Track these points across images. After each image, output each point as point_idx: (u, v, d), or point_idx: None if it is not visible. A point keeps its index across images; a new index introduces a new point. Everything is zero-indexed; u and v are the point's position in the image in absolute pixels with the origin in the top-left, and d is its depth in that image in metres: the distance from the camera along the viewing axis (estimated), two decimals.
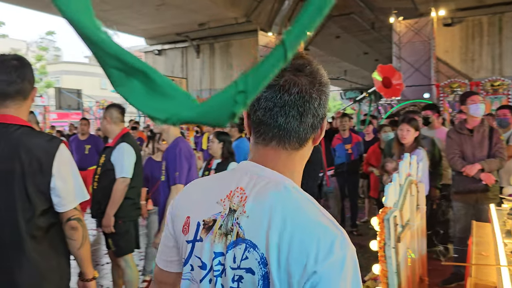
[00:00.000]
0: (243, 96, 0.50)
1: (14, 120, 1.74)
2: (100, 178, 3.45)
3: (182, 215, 0.97)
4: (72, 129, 12.20)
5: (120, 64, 0.47)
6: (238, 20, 14.96)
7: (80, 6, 0.45)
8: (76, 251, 1.84)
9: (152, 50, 18.53)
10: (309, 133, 0.90)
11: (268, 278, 0.80)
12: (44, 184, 1.70)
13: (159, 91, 0.51)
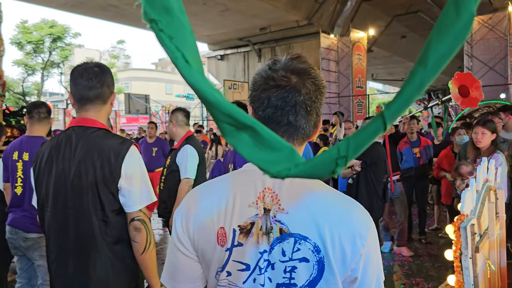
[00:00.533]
0: (344, 160, 0.56)
1: (93, 123, 1.82)
2: (166, 179, 3.56)
3: (210, 227, 0.97)
4: (141, 133, 12.76)
5: (232, 121, 0.54)
6: (299, 23, 14.90)
7: (199, 73, 0.51)
8: (139, 256, 1.81)
9: (214, 55, 18.97)
10: (312, 129, 0.99)
11: (323, 262, 0.90)
12: (113, 185, 1.75)
13: (267, 145, 0.56)
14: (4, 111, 5.29)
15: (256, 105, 0.98)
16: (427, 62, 0.51)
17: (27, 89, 25.98)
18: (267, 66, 0.98)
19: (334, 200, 0.94)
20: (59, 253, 1.79)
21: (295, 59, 0.97)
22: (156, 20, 0.49)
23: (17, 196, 3.08)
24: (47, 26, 24.01)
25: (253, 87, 1.00)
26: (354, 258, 0.90)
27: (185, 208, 1.02)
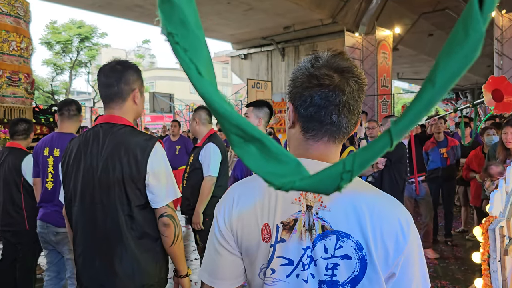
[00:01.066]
0: (349, 175, 0.57)
1: (120, 120, 1.87)
2: (189, 177, 3.60)
3: (254, 224, 0.96)
4: (165, 131, 12.92)
5: (241, 132, 0.56)
6: (323, 21, 14.80)
7: (212, 85, 0.53)
8: (169, 248, 1.87)
9: (238, 54, 19.02)
10: (352, 128, 0.98)
11: (366, 260, 0.89)
12: (140, 181, 1.78)
13: (273, 157, 0.58)
14: (34, 109, 5.45)
15: (297, 103, 0.97)
16: (435, 81, 0.51)
17: (55, 88, 26.65)
18: (309, 62, 0.97)
19: (376, 198, 0.94)
20: (86, 247, 1.84)
21: (337, 56, 0.96)
22: (173, 33, 0.52)
23: (48, 191, 3.17)
24: (75, 26, 24.56)
25: (293, 84, 0.99)
26: (396, 256, 0.90)
27: (227, 205, 1.01)
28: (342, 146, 1.00)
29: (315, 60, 0.96)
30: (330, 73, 0.93)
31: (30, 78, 4.96)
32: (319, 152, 0.98)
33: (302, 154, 0.99)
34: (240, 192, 1.01)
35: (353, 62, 0.98)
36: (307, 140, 0.98)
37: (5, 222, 3.65)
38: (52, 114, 5.74)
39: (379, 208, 0.91)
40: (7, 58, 4.61)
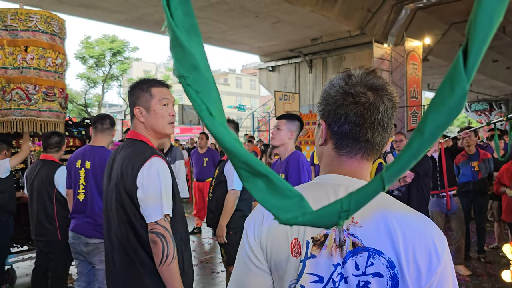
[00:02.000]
0: (346, 214, 0.59)
1: (135, 136, 2.02)
2: (214, 190, 3.64)
3: (284, 239, 0.96)
4: (192, 143, 13.09)
5: (249, 168, 0.59)
6: (351, 33, 14.72)
7: (221, 124, 0.57)
8: (158, 267, 1.83)
9: (266, 66, 19.13)
10: (384, 145, 1.00)
11: (397, 278, 0.88)
12: (133, 194, 1.85)
13: (278, 192, 0.61)
14: (67, 122, 5.64)
15: (331, 120, 0.98)
16: (424, 131, 0.54)
17: (88, 101, 27.45)
18: (343, 80, 0.98)
19: (408, 216, 0.92)
20: (107, 253, 1.99)
21: (370, 74, 0.97)
22: (185, 76, 0.55)
23: (79, 202, 3.27)
24: (108, 41, 25.33)
25: (326, 101, 1.00)
26: (429, 277, 0.88)
27: (257, 219, 1.01)
28: None
29: (349, 78, 0.97)
30: (365, 90, 0.94)
31: (64, 93, 5.15)
32: (352, 169, 0.99)
33: (335, 170, 1.00)
34: None
35: (385, 80, 0.99)
36: (340, 157, 1.00)
37: (38, 232, 3.78)
38: (84, 127, 5.92)
39: (411, 226, 0.90)
40: (44, 74, 4.80)
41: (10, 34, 4.70)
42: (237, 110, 23.07)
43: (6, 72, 4.69)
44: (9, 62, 4.68)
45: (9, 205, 4.56)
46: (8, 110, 4.69)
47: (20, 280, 5.13)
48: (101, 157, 3.24)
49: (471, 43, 0.47)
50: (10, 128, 4.69)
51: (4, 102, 4.68)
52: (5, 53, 4.67)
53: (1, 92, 4.68)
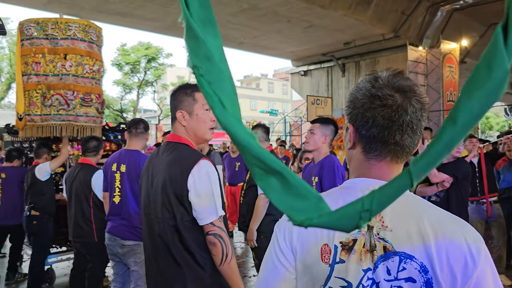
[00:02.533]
0: (368, 214, 0.55)
1: (178, 139, 2.00)
2: (245, 194, 3.64)
3: (313, 243, 0.95)
4: (224, 147, 13.18)
5: (262, 165, 0.56)
6: (385, 36, 14.50)
7: (234, 117, 0.55)
8: (219, 267, 1.87)
9: (298, 71, 19.09)
10: (415, 147, 0.97)
11: (431, 283, 0.85)
12: (183, 197, 1.84)
13: (294, 191, 0.57)
14: (104, 126, 5.80)
15: (358, 124, 0.97)
16: (457, 120, 0.49)
17: (124, 106, 28.19)
18: (369, 83, 0.96)
19: (441, 219, 0.90)
20: (147, 255, 1.99)
21: (397, 76, 0.95)
22: (198, 67, 0.54)
23: (115, 205, 3.35)
24: (143, 48, 25.96)
25: (353, 105, 0.98)
26: (465, 281, 0.84)
27: (287, 223, 1.01)
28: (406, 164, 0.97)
29: (375, 80, 0.95)
30: (392, 93, 0.92)
31: (101, 98, 5.31)
32: (382, 172, 0.97)
33: (364, 174, 0.99)
34: None
35: (413, 81, 0.97)
36: (369, 160, 0.98)
37: (76, 234, 3.89)
38: (120, 131, 6.08)
39: (444, 228, 0.87)
40: (81, 81, 4.98)
41: (50, 42, 4.91)
42: (269, 115, 23.11)
43: (47, 79, 4.90)
44: (49, 70, 4.89)
45: (49, 207, 4.73)
46: (48, 116, 4.89)
47: (59, 280, 5.30)
48: (135, 160, 3.31)
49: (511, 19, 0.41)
50: (49, 133, 4.88)
51: (44, 107, 4.88)
52: (46, 61, 4.88)
53: (42, 98, 4.88)
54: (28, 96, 4.95)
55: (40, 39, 4.92)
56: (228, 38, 15.24)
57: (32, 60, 4.91)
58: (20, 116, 4.95)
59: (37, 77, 4.92)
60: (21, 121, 4.97)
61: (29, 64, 4.94)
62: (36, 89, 4.90)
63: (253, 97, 45.52)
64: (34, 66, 4.90)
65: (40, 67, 4.89)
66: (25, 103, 4.95)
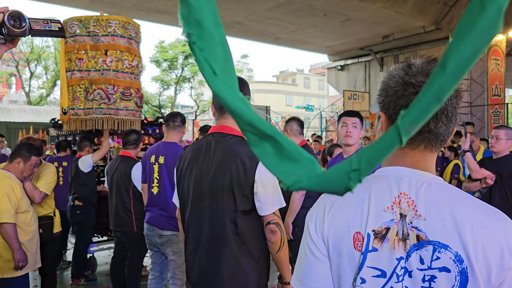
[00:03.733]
0: (357, 174, 0.53)
1: (230, 131, 1.98)
2: None
3: (346, 232, 0.95)
4: None
5: (254, 130, 0.55)
6: (426, 28, 14.06)
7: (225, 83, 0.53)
8: (275, 254, 1.93)
9: (334, 66, 18.85)
10: (450, 135, 0.95)
11: (466, 273, 0.83)
12: (247, 188, 1.86)
13: (286, 155, 0.56)
14: (142, 121, 5.96)
15: (391, 112, 0.96)
16: (447, 66, 0.45)
17: (162, 102, 28.80)
18: (403, 70, 0.94)
19: (477, 208, 0.88)
20: (195, 247, 1.97)
21: (432, 63, 0.93)
22: (190, 33, 0.53)
23: (153, 195, 3.44)
24: (181, 44, 26.39)
25: (385, 93, 0.97)
26: (501, 273, 0.82)
27: (318, 212, 1.01)
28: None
29: (409, 68, 0.93)
30: (426, 80, 0.89)
31: (140, 93, 5.46)
32: (415, 160, 0.95)
33: (397, 162, 0.97)
34: (332, 200, 1.00)
35: None
36: (402, 149, 0.96)
37: (116, 223, 4.03)
38: (158, 126, 6.22)
39: (481, 218, 0.86)
40: (121, 76, 5.14)
41: (92, 39, 5.10)
42: (304, 110, 22.95)
43: (89, 74, 5.09)
44: (91, 65, 5.09)
45: (91, 198, 4.93)
46: (90, 109, 5.09)
47: (100, 268, 5.51)
48: (173, 152, 3.39)
49: None
50: (92, 126, 5.08)
51: (87, 102, 5.08)
52: (88, 57, 5.07)
53: (85, 92, 5.08)
54: (72, 91, 5.16)
55: (83, 36, 5.12)
56: (264, 34, 15.24)
57: (75, 57, 5.11)
58: (65, 110, 5.17)
59: (80, 72, 5.12)
60: (66, 115, 5.18)
61: (73, 60, 5.14)
62: (79, 84, 5.11)
63: (288, 93, 45.34)
64: (77, 62, 5.10)
65: (83, 63, 5.09)
66: (69, 98, 5.16)
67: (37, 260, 3.23)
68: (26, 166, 3.17)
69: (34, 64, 28.73)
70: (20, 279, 3.03)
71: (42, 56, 27.87)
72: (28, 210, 3.14)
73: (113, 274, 4.19)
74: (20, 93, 34.99)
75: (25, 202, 3.12)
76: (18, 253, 2.93)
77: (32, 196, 3.31)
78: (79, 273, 4.94)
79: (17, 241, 2.94)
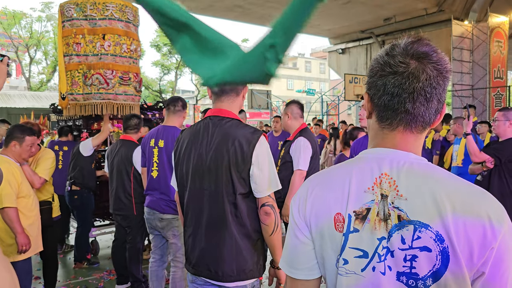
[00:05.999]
0: (273, 52, 0.46)
1: (227, 114, 1.99)
2: (280, 170, 3.65)
3: (327, 213, 0.96)
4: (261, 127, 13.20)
5: (168, 21, 0.49)
6: (428, 10, 13.91)
7: None
8: (268, 237, 1.95)
9: (335, 49, 18.71)
10: (432, 117, 0.94)
11: (447, 253, 0.84)
12: (244, 170, 1.89)
13: (206, 46, 0.51)
14: (142, 105, 5.95)
15: (372, 92, 0.97)
16: None
17: (163, 87, 28.70)
18: (385, 51, 0.95)
19: (459, 187, 0.88)
20: (195, 229, 1.99)
21: (415, 42, 0.92)
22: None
23: (153, 179, 3.44)
24: None
25: (369, 74, 0.98)
26: (483, 252, 0.82)
27: (301, 195, 1.03)
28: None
29: (392, 49, 0.93)
30: (406, 60, 0.90)
31: (138, 77, 5.43)
32: (396, 142, 0.96)
33: (379, 144, 0.98)
34: (314, 183, 1.02)
35: (434, 47, 0.93)
36: (382, 129, 0.97)
37: (116, 207, 4.05)
38: (158, 110, 6.20)
39: (462, 198, 0.85)
40: (119, 60, 5.10)
41: (89, 23, 5.04)
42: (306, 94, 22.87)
43: (87, 59, 5.05)
44: (89, 50, 5.04)
45: (89, 182, 4.94)
46: (89, 94, 5.07)
47: (103, 251, 5.56)
48: (173, 136, 3.38)
49: None
50: (91, 111, 5.06)
51: (85, 87, 5.05)
52: (85, 41, 5.02)
53: (83, 77, 5.05)
54: (70, 76, 5.13)
55: (80, 20, 5.05)
56: (265, 17, 15.08)
57: (73, 41, 5.06)
58: (63, 95, 5.15)
59: (78, 57, 5.08)
60: (64, 100, 5.17)
61: (70, 45, 5.10)
62: (77, 69, 5.07)
63: (289, 77, 45.11)
64: (75, 47, 5.06)
65: (80, 48, 5.04)
66: (68, 82, 5.13)
67: (38, 244, 3.25)
68: (23, 148, 3.17)
69: (34, 49, 28.59)
70: (23, 262, 3.06)
71: (42, 41, 27.70)
72: (29, 194, 3.15)
73: (115, 258, 4.23)
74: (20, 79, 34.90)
75: (25, 186, 3.12)
76: (22, 237, 2.95)
77: (31, 181, 3.32)
78: (82, 257, 4.99)
79: (19, 225, 2.96)
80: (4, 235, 2.99)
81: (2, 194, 2.90)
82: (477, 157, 3.95)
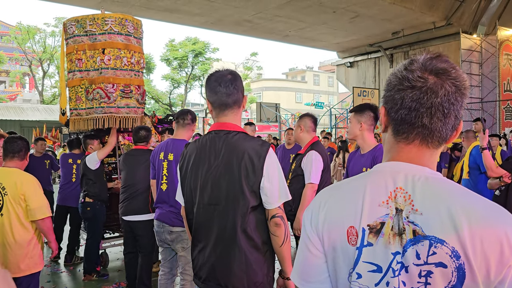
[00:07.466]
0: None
1: (233, 127, 2.00)
2: (291, 183, 3.66)
3: (340, 226, 0.96)
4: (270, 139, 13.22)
5: None
6: (436, 24, 13.94)
7: None
8: (278, 248, 1.94)
9: (344, 62, 18.76)
10: (449, 133, 0.94)
11: (464, 269, 0.82)
12: (255, 183, 1.88)
13: None
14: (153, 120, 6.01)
15: (389, 106, 0.98)
16: None
17: (173, 100, 28.89)
18: (403, 66, 0.96)
19: (476, 203, 0.86)
20: (205, 245, 1.97)
21: (434, 58, 0.93)
22: None
23: (162, 192, 3.47)
24: (191, 43, 26.42)
25: (387, 88, 0.99)
26: (500, 269, 0.80)
27: (314, 208, 1.03)
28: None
29: (410, 64, 0.94)
30: (425, 75, 0.91)
31: (141, 89, 5.43)
32: (411, 155, 0.96)
33: (394, 157, 0.98)
34: (327, 196, 1.03)
35: (452, 64, 0.94)
36: (398, 143, 0.97)
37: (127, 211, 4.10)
38: (168, 123, 6.26)
39: (480, 214, 0.84)
40: (120, 73, 5.13)
41: (89, 38, 5.07)
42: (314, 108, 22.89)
43: (88, 74, 5.09)
44: (90, 65, 5.07)
45: (101, 194, 5.00)
46: (91, 109, 5.10)
47: (112, 263, 5.58)
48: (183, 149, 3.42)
49: None
50: (93, 125, 5.09)
51: (87, 101, 5.09)
52: (87, 57, 5.06)
53: (85, 92, 5.10)
54: (74, 92, 5.18)
55: (81, 36, 5.09)
56: (273, 31, 15.22)
57: (75, 57, 5.11)
58: (63, 111, 5.19)
59: (80, 73, 5.12)
60: (64, 116, 5.21)
61: (73, 61, 5.16)
62: (80, 85, 5.12)
63: (298, 90, 45.18)
64: (77, 63, 5.11)
65: (82, 63, 5.08)
66: (72, 98, 5.19)
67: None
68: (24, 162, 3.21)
69: (47, 63, 29.06)
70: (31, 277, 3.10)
71: (55, 55, 28.14)
72: None
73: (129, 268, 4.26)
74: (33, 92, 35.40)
75: None
76: (55, 243, 3.18)
77: None
78: (91, 269, 5.01)
79: (53, 233, 3.17)
80: (17, 249, 3.00)
81: (42, 204, 3.01)
82: (494, 172, 3.93)
